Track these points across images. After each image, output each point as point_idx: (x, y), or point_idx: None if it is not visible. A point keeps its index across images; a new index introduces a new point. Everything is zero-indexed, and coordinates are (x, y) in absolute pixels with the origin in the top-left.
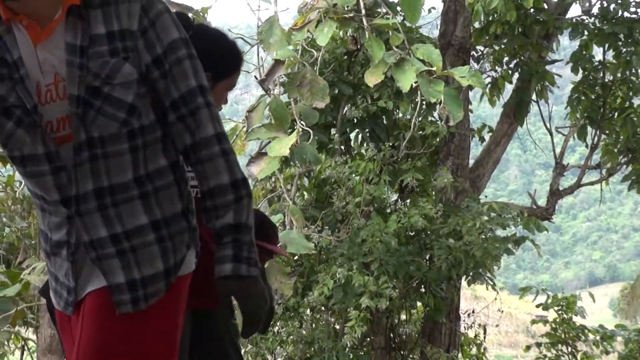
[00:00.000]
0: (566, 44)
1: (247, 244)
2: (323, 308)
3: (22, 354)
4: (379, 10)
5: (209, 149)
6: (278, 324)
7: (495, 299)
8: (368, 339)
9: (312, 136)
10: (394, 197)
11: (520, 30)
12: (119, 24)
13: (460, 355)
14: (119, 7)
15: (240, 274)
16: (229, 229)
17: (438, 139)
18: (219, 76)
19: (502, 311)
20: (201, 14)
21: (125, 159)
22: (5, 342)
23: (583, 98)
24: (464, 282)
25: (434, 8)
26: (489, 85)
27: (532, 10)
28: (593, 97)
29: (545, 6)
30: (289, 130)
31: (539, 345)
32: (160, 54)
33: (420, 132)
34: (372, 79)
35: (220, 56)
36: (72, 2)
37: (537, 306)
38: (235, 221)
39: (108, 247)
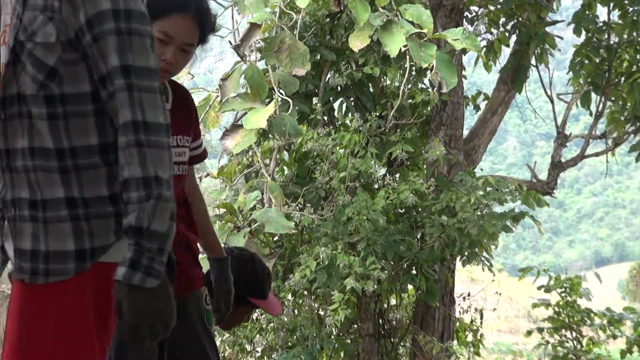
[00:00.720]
0: (568, 4)
1: (151, 251)
2: (306, 292)
3: None
4: None
5: (124, 136)
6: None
7: (493, 280)
8: (355, 325)
9: (291, 106)
10: (382, 171)
11: None
12: None
13: (455, 342)
14: None
15: (132, 282)
16: (131, 230)
17: (429, 108)
18: None
19: (500, 294)
20: None
21: (42, 125)
22: None
23: (586, 62)
24: (458, 263)
25: None
26: (484, 49)
27: None
28: (597, 61)
29: None
30: (267, 100)
31: (540, 330)
32: (83, 23)
33: (410, 100)
34: (357, 43)
35: None
36: None
37: (539, 288)
38: (137, 224)
39: (25, 209)
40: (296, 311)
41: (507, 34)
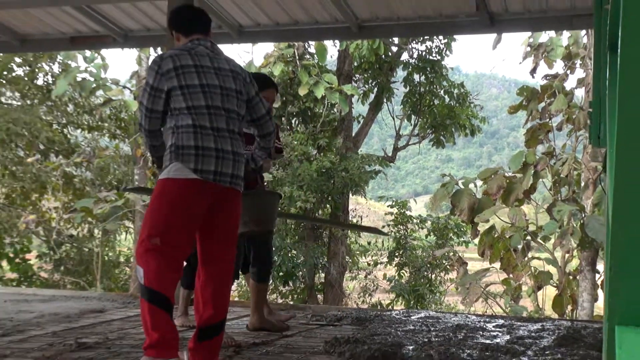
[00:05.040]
0: (401, 74)
1: (150, 151)
2: None
3: (127, 235)
4: (306, 56)
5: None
6: None
7: (366, 202)
8: None
9: None
10: (314, 151)
11: (377, 66)
12: None
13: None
14: None
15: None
16: None
17: (337, 122)
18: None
19: (370, 209)
20: None
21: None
22: (117, 229)
23: (410, 100)
24: (351, 195)
25: (333, 55)
26: (362, 94)
27: (383, 55)
28: (414, 100)
29: (390, 53)
30: None
31: (388, 225)
32: None
33: (327, 118)
34: (302, 91)
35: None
36: None
37: (388, 206)
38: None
39: None
40: None
41: (372, 88)
